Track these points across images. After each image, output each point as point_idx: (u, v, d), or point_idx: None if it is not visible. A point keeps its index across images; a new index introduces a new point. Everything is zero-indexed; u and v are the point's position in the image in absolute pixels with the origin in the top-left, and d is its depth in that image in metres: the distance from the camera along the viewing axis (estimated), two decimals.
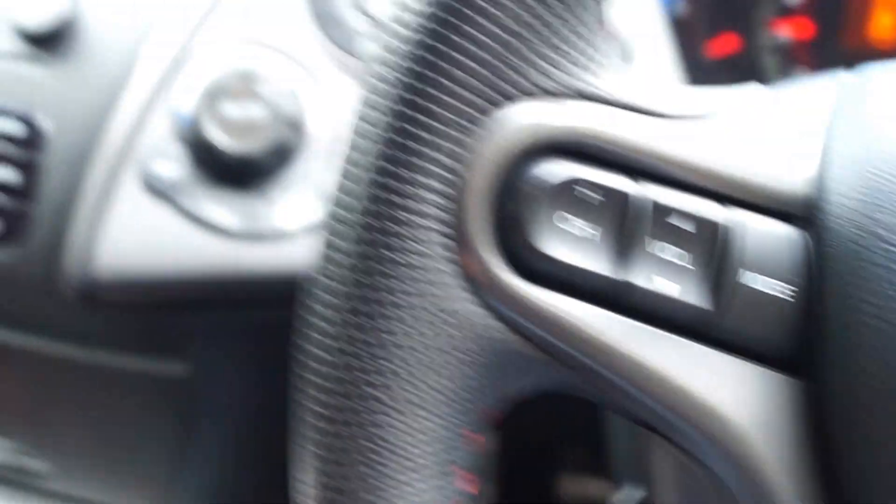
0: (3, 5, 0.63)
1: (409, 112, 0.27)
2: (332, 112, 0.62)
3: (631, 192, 0.27)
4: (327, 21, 0.63)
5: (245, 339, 0.69)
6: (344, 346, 0.27)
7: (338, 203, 0.28)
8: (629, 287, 0.27)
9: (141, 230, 0.60)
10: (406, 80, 0.27)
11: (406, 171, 0.27)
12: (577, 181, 0.27)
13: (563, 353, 0.27)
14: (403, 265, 0.27)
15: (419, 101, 0.27)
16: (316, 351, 0.28)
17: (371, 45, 0.29)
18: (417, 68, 0.27)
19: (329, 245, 0.28)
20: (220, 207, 0.60)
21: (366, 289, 0.27)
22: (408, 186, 0.27)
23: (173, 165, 0.60)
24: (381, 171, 0.27)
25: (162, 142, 0.60)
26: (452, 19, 0.26)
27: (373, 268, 0.27)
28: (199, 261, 0.60)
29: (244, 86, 0.59)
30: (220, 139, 0.59)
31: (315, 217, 0.61)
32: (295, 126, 0.60)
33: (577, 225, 0.27)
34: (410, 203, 0.27)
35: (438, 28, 0.27)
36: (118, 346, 0.67)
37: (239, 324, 0.68)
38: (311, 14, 0.63)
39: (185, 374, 0.67)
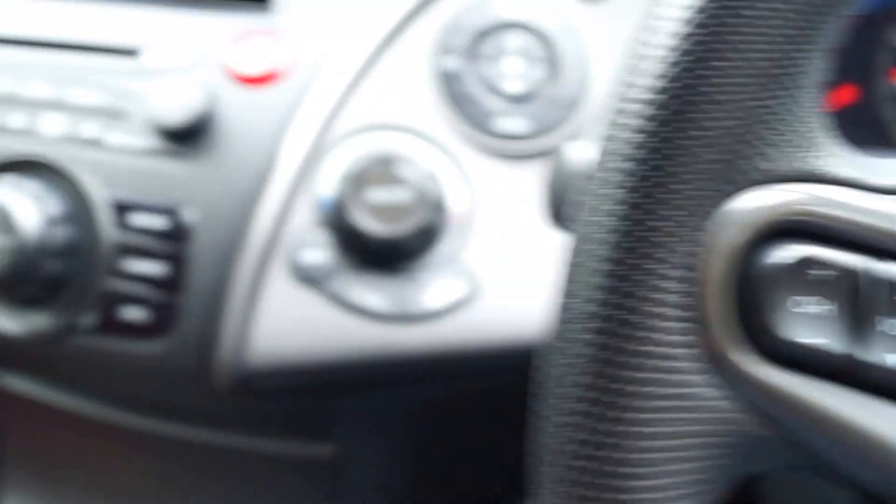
0: (141, 104, 0.64)
1: (645, 205, 0.28)
2: (471, 191, 0.63)
3: (863, 269, 0.27)
4: (460, 101, 0.64)
5: (390, 418, 0.69)
6: (585, 437, 0.28)
7: (572, 296, 0.29)
8: (865, 363, 0.27)
9: (291, 318, 0.60)
10: (639, 173, 0.28)
11: (644, 262, 0.28)
12: (810, 262, 0.28)
13: (801, 432, 0.28)
14: (643, 354, 0.28)
15: (654, 193, 0.28)
16: (554, 443, 0.28)
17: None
18: (649, 163, 0.28)
19: (564, 337, 0.29)
20: (368, 291, 0.61)
21: (606, 379, 0.28)
22: (646, 278, 0.28)
23: (320, 252, 0.61)
24: (619, 263, 0.28)
25: (307, 230, 0.61)
26: (681, 112, 0.27)
27: (612, 358, 0.28)
28: (349, 345, 0.61)
29: (386, 170, 0.60)
30: (367, 224, 0.59)
31: (459, 295, 0.61)
32: (438, 207, 0.61)
33: (812, 306, 0.28)
34: (649, 293, 0.28)
35: (668, 121, 0.27)
36: (265, 431, 0.68)
37: (384, 403, 0.68)
38: (443, 95, 0.64)
39: (332, 455, 0.67)
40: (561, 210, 0.40)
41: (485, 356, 0.62)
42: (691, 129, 0.27)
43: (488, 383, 0.67)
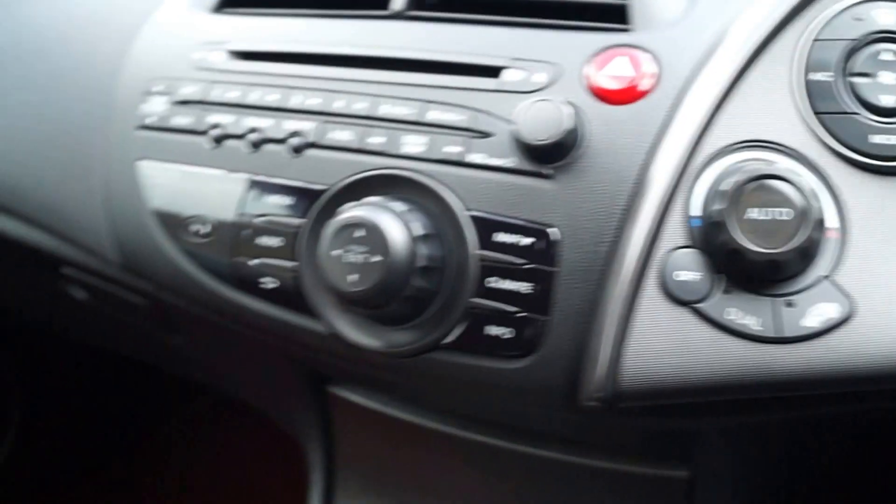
0: (504, 122, 0.65)
1: None
2: (844, 209, 0.60)
3: None
4: (831, 117, 0.61)
5: (746, 440, 0.67)
6: None
7: None
8: None
9: (665, 337, 0.60)
10: None
11: None
12: None
13: None
14: None
15: None
16: None
17: None
18: None
19: None
20: (744, 311, 0.59)
21: None
22: None
23: (693, 272, 0.60)
24: None
25: (679, 249, 0.60)
26: None
27: None
28: (724, 366, 0.59)
29: (765, 188, 0.59)
30: (747, 244, 0.58)
31: (835, 316, 0.59)
32: (818, 226, 0.58)
33: None
34: None
35: None
36: (620, 450, 0.67)
37: (743, 424, 0.66)
38: (812, 111, 0.62)
39: (688, 477, 0.66)
40: None
41: (858, 379, 0.59)
42: None
43: (856, 406, 0.64)
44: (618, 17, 0.68)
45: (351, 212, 0.64)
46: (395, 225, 0.63)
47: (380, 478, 0.84)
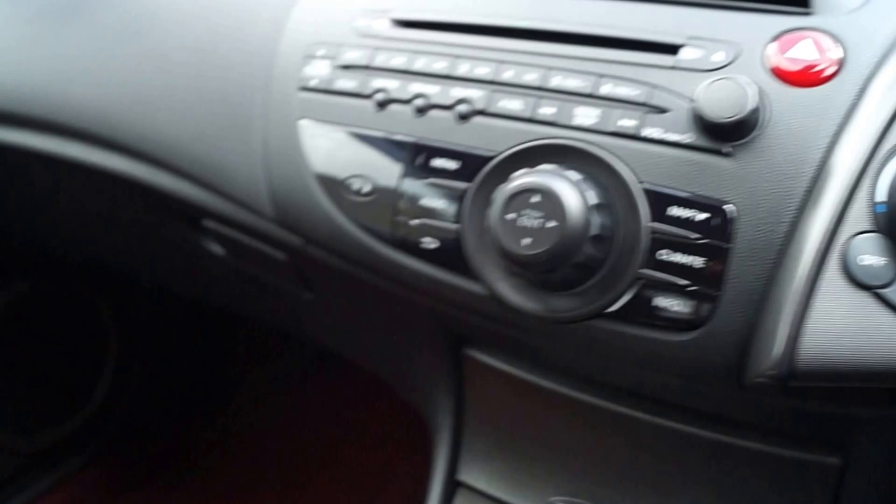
0: (682, 99, 0.65)
1: None
2: None
3: None
4: None
5: None
6: None
7: None
8: None
9: (845, 321, 0.59)
10: None
11: None
12: None
13: None
14: None
15: None
16: None
17: None
18: None
19: None
20: None
21: None
22: None
23: (877, 258, 0.59)
24: None
25: (864, 234, 0.60)
26: None
27: None
28: None
29: None
30: None
31: None
32: None
33: None
34: None
35: None
36: (768, 433, 0.67)
37: None
38: None
39: (839, 465, 0.66)
40: None
41: None
42: None
43: None
44: (796, 0, 0.68)
45: (528, 177, 0.65)
46: (571, 193, 0.64)
47: (509, 443, 0.84)
